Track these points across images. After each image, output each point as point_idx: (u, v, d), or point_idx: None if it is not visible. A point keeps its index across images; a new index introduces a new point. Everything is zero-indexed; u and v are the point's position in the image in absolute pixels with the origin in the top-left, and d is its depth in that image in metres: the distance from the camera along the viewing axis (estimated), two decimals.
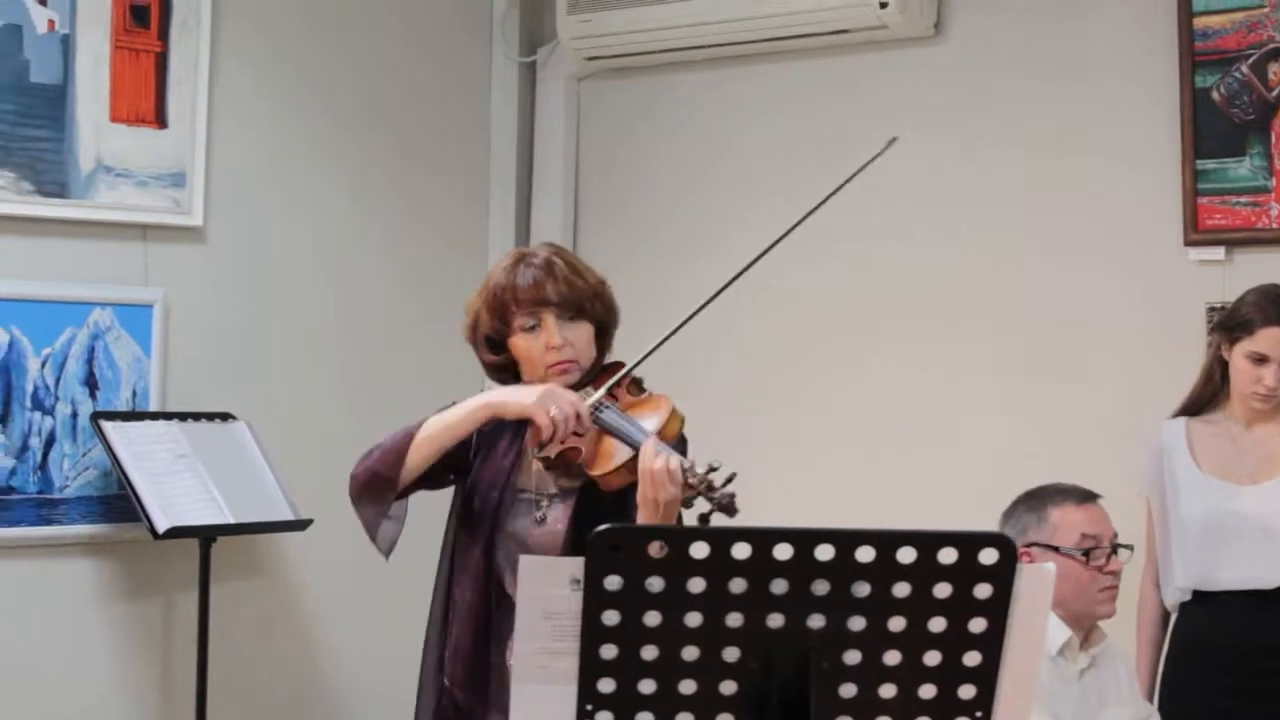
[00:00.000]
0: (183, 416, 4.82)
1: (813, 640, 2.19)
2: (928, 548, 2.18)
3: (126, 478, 4.58)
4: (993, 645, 2.21)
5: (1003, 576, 2.19)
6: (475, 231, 5.63)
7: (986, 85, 4.87)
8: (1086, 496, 3.59)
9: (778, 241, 3.14)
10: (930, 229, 4.94)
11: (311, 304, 5.23)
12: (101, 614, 4.80)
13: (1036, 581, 2.21)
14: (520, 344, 3.18)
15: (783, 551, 2.16)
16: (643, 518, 2.94)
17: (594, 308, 3.20)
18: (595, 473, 3.06)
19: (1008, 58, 4.83)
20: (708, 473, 2.90)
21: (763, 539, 2.17)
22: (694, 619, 2.18)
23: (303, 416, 5.17)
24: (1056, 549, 3.49)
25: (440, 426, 3.14)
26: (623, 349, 3.29)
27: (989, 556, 2.18)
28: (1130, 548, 3.59)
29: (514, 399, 3.08)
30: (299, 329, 5.20)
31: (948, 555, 2.18)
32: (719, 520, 2.88)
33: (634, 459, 3.00)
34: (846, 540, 2.17)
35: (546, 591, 2.18)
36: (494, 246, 5.63)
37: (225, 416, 4.91)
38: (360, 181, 5.35)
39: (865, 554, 2.17)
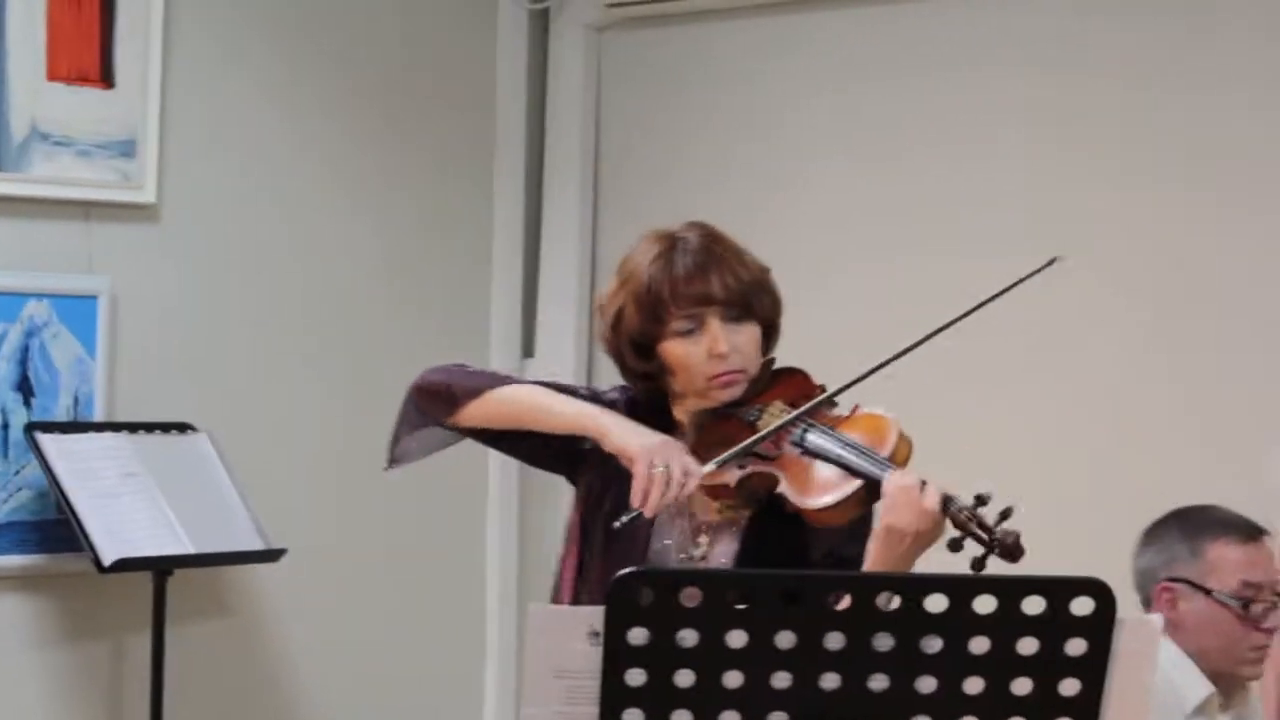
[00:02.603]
0: (133, 428, 4.83)
1: (875, 705, 2.20)
2: (1010, 596, 2.18)
3: (67, 500, 4.59)
4: (1088, 711, 2.21)
5: (1100, 630, 2.19)
6: (477, 210, 5.63)
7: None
8: (1252, 533, 3.53)
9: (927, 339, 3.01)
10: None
11: (284, 296, 5.24)
12: (39, 659, 4.82)
13: (1141, 637, 2.20)
14: (675, 350, 3.05)
15: (839, 600, 2.16)
16: (877, 559, 2.82)
17: (761, 304, 3.08)
18: (809, 506, 2.95)
19: None
20: (976, 506, 2.79)
21: (815, 585, 2.18)
22: (734, 679, 2.18)
23: (274, 428, 5.18)
24: (1208, 592, 3.46)
25: (534, 404, 3.11)
26: None
27: (1083, 606, 2.19)
28: None
29: (623, 436, 2.99)
30: (269, 325, 5.21)
31: (1034, 605, 2.18)
32: (997, 566, 2.74)
33: (864, 489, 2.91)
34: (914, 587, 2.17)
35: (559, 645, 2.19)
36: (499, 227, 5.63)
37: (183, 428, 4.92)
38: (341, 152, 5.36)
39: (937, 603, 2.17)
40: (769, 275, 3.13)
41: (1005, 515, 2.78)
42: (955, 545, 2.82)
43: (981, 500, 2.80)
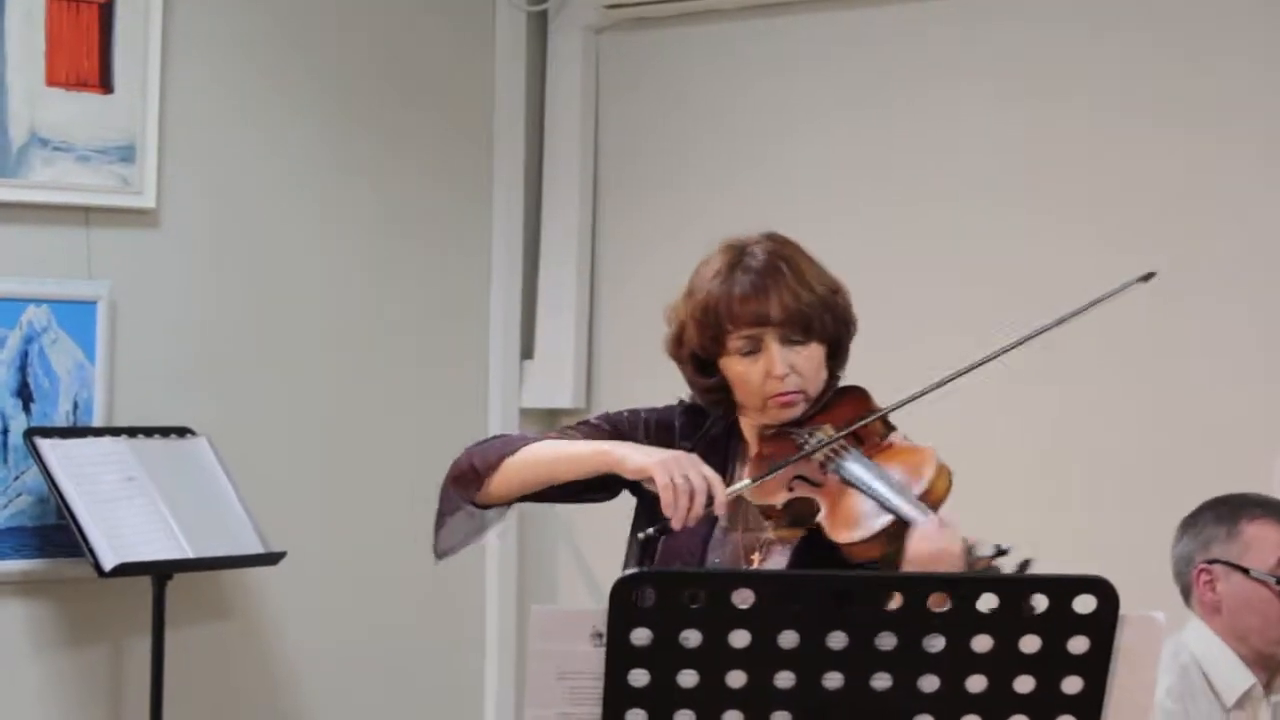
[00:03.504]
0: (132, 432, 4.83)
1: (877, 704, 2.20)
2: (1013, 594, 2.18)
3: (67, 505, 4.59)
4: (1090, 709, 2.21)
5: (1102, 627, 2.19)
6: (476, 212, 5.62)
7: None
8: None
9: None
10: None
11: (283, 300, 5.23)
12: (39, 663, 4.81)
13: (1143, 634, 2.20)
14: (735, 368, 3.05)
15: (841, 600, 2.16)
16: None
17: (824, 324, 3.05)
18: (840, 540, 2.92)
19: None
20: (995, 556, 2.75)
21: (818, 585, 2.18)
22: (737, 679, 2.19)
23: (273, 432, 5.18)
24: (1245, 571, 3.47)
25: (547, 458, 3.12)
26: (658, 354, 3.25)
27: (1086, 604, 2.19)
28: None
29: (638, 458, 2.99)
30: (268, 329, 5.20)
31: (1037, 603, 2.18)
32: None
33: (892, 528, 2.87)
34: (917, 586, 2.18)
35: (562, 647, 2.19)
36: (498, 229, 5.62)
37: (183, 432, 4.92)
38: (340, 155, 5.35)
39: (939, 602, 2.17)
40: (837, 294, 3.09)
41: (1023, 568, 2.74)
42: None
43: (1001, 552, 2.76)
